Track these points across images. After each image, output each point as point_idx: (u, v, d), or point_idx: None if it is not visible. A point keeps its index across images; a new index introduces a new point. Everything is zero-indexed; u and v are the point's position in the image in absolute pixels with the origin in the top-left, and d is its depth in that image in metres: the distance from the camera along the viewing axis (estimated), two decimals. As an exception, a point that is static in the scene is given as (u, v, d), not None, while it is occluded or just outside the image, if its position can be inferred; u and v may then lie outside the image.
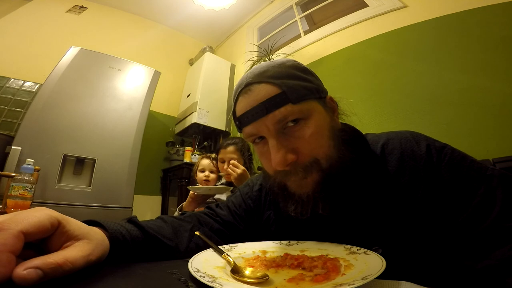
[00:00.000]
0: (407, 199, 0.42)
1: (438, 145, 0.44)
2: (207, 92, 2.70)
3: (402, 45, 1.67)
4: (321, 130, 0.42)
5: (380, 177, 0.45)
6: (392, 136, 0.48)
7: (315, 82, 0.45)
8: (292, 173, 0.41)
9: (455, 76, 1.38)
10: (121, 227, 0.39)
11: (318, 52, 2.16)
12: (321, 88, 0.46)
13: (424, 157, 0.43)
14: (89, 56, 2.10)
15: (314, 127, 0.41)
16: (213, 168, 1.54)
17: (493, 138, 1.20)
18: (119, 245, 0.37)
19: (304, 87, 0.42)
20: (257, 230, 0.56)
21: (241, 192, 0.62)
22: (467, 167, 0.41)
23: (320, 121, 0.42)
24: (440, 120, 1.37)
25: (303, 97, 0.41)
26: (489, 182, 0.38)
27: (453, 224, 0.39)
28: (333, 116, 0.46)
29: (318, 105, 0.44)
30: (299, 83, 0.42)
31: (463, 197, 0.39)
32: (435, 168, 0.42)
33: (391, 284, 0.29)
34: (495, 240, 0.35)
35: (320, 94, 0.44)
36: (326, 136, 0.42)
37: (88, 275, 0.30)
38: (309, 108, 0.42)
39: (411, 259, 0.39)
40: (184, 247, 0.47)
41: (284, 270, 0.35)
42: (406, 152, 0.45)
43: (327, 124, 0.44)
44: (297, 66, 0.45)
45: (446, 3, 1.54)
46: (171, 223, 0.49)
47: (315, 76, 0.47)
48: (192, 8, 2.80)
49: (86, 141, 1.87)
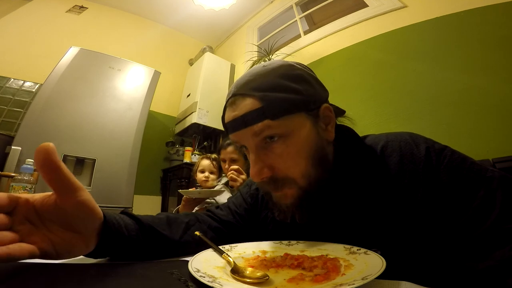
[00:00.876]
0: (406, 201, 0.42)
1: (437, 148, 0.44)
2: (207, 92, 2.70)
3: (402, 45, 1.67)
4: (301, 149, 0.41)
5: (378, 179, 0.44)
6: (391, 138, 0.48)
7: (307, 92, 0.42)
8: (270, 185, 0.43)
9: (455, 76, 1.38)
10: (114, 214, 0.40)
11: (318, 52, 2.16)
12: (313, 98, 0.43)
13: (423, 160, 0.43)
14: (89, 56, 2.10)
15: (292, 146, 0.41)
16: (213, 169, 1.53)
17: (493, 138, 1.20)
18: (113, 232, 0.37)
19: (287, 100, 0.40)
20: (255, 229, 0.57)
21: (241, 192, 0.63)
22: (467, 169, 0.40)
23: (301, 138, 0.41)
24: (440, 120, 1.37)
25: (284, 112, 0.40)
26: (489, 184, 0.38)
27: (453, 226, 0.38)
28: (324, 128, 0.45)
29: (305, 119, 0.42)
30: (283, 95, 0.40)
31: (463, 199, 0.39)
32: (434, 171, 0.41)
33: (391, 284, 0.29)
34: (495, 242, 0.34)
35: (309, 106, 0.42)
36: (305, 157, 0.41)
37: (88, 275, 0.30)
38: (289, 124, 0.40)
39: (410, 261, 0.39)
40: (178, 237, 0.47)
41: (284, 270, 0.35)
42: (405, 155, 0.44)
43: (311, 141, 0.42)
44: (288, 74, 0.42)
45: (446, 3, 1.54)
46: (166, 215, 0.50)
47: (309, 84, 0.44)
48: (192, 8, 2.80)
49: (86, 141, 1.87)
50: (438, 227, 0.39)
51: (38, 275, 0.28)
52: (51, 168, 0.28)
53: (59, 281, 0.27)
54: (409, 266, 0.38)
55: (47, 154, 0.27)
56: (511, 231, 0.34)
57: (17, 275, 0.27)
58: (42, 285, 0.25)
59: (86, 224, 0.33)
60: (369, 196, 0.44)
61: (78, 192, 0.31)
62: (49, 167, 0.28)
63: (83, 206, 0.31)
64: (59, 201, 0.30)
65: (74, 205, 0.30)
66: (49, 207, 0.30)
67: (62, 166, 0.29)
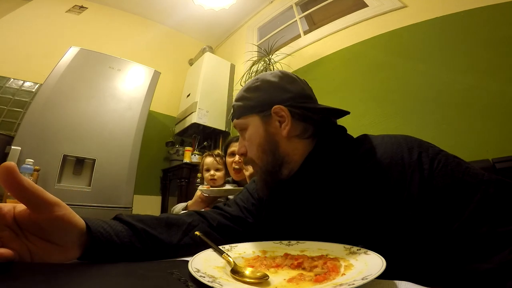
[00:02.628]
0: (389, 201, 0.43)
1: (431, 153, 0.44)
2: (207, 92, 2.70)
3: (402, 45, 1.67)
4: (252, 140, 0.55)
5: (354, 174, 0.48)
6: (386, 140, 0.50)
7: (258, 99, 0.55)
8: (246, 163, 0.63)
9: (455, 76, 1.38)
10: (103, 223, 0.39)
11: (318, 52, 2.16)
12: (263, 103, 0.54)
13: (413, 165, 0.43)
14: (89, 56, 2.10)
15: (247, 136, 0.57)
16: (218, 166, 1.48)
17: (493, 138, 1.20)
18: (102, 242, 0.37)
19: (244, 107, 0.57)
20: (263, 225, 0.57)
21: (248, 188, 0.66)
22: (463, 173, 0.41)
23: (252, 133, 0.56)
24: (440, 120, 1.37)
25: (241, 114, 0.57)
26: (485, 188, 0.38)
27: (450, 230, 0.38)
28: (274, 127, 0.54)
29: (256, 118, 0.55)
30: (242, 103, 0.57)
31: (459, 203, 0.38)
32: (426, 177, 0.42)
33: (391, 284, 0.29)
34: (493, 245, 0.34)
35: (261, 108, 0.55)
36: (256, 145, 0.55)
37: (88, 274, 0.30)
38: (245, 122, 0.57)
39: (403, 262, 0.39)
40: (177, 240, 0.46)
41: (284, 270, 0.35)
42: (395, 157, 0.46)
43: (259, 136, 0.55)
44: (248, 87, 0.58)
45: (445, 3, 1.54)
46: (167, 216, 0.50)
47: (264, 91, 0.55)
48: (192, 8, 2.80)
49: (86, 141, 1.87)
50: (433, 230, 0.40)
51: (38, 275, 0.27)
52: (15, 187, 0.28)
53: (59, 281, 0.27)
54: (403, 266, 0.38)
55: (8, 174, 0.28)
56: (508, 234, 0.34)
57: (16, 275, 0.27)
58: (42, 284, 0.25)
59: (62, 237, 0.33)
60: (344, 188, 0.48)
61: (52, 208, 0.31)
62: (12, 186, 0.28)
63: (58, 221, 0.31)
64: (32, 216, 0.30)
65: (48, 220, 0.31)
66: (25, 219, 0.31)
67: (27, 184, 0.29)
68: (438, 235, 0.39)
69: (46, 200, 0.30)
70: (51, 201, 0.31)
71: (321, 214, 0.49)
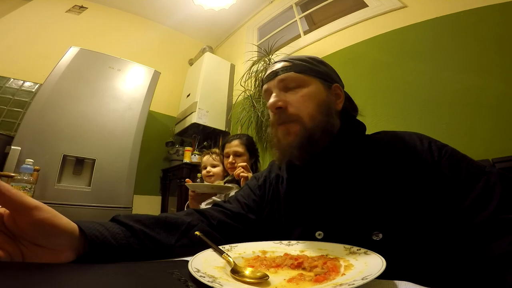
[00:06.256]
0: (404, 187, 0.46)
1: (439, 144, 0.50)
2: (207, 92, 2.70)
3: (402, 45, 1.67)
4: (311, 97, 0.54)
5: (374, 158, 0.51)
6: (400, 133, 0.56)
7: (324, 70, 0.59)
8: (281, 121, 0.54)
9: (454, 76, 1.38)
10: (99, 226, 0.38)
11: (318, 52, 2.16)
12: (328, 76, 0.58)
13: (425, 151, 0.48)
14: (89, 56, 2.10)
15: (306, 92, 0.54)
16: (214, 162, 1.48)
17: (492, 138, 1.20)
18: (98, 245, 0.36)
19: (309, 68, 0.57)
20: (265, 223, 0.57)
21: (249, 184, 0.65)
22: (467, 164, 0.45)
23: (313, 92, 0.55)
24: (440, 120, 1.37)
25: (304, 72, 0.56)
26: (488, 177, 0.41)
27: (452, 215, 0.41)
28: (332, 98, 0.57)
29: (319, 83, 0.56)
30: (306, 64, 0.57)
31: (463, 189, 0.42)
32: (435, 163, 0.46)
33: (391, 284, 0.29)
34: (493, 232, 0.36)
35: (324, 77, 0.57)
36: (315, 103, 0.53)
37: (88, 274, 0.30)
38: (307, 80, 0.55)
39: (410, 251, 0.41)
40: (174, 240, 0.46)
41: (284, 270, 0.35)
42: (409, 145, 0.51)
43: (321, 97, 0.55)
44: (313, 58, 0.61)
45: (445, 4, 1.54)
46: (166, 216, 0.49)
47: (328, 67, 0.61)
48: (192, 8, 2.80)
49: (86, 141, 1.87)
50: (438, 214, 0.42)
51: (38, 275, 0.27)
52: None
53: (59, 281, 0.27)
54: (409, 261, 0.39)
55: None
56: (508, 222, 0.36)
57: (16, 275, 0.26)
58: (42, 284, 0.24)
59: (48, 241, 0.32)
60: (365, 171, 0.50)
61: (31, 212, 0.30)
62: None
63: (40, 225, 0.31)
64: (16, 220, 0.30)
65: (31, 224, 0.30)
66: (11, 223, 0.31)
67: (3, 189, 0.29)
68: (442, 220, 0.42)
69: (24, 204, 0.30)
70: (29, 205, 0.30)
71: (344, 194, 0.50)
